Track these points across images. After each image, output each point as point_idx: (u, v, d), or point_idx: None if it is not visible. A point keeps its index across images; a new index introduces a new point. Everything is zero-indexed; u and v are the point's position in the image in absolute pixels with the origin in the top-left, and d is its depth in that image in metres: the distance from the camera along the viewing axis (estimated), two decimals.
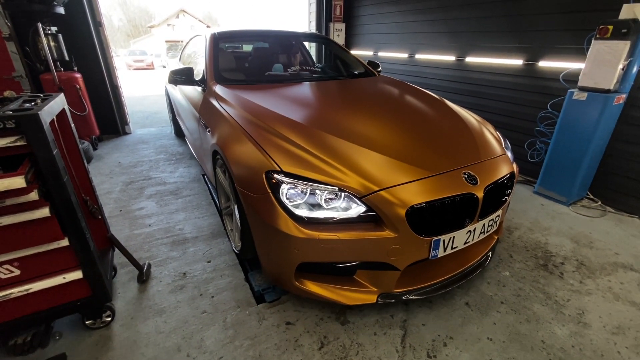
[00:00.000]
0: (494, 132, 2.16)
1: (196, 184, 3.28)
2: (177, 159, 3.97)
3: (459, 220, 1.57)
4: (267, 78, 2.85)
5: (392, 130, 1.90)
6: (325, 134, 1.74)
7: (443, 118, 2.16)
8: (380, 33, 5.23)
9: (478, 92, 3.84)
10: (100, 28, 4.32)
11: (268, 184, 1.51)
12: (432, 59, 4.38)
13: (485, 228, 1.68)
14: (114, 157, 4.00)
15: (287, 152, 1.61)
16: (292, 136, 1.71)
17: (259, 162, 1.59)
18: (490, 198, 1.65)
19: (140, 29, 44.43)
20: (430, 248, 1.52)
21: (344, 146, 1.65)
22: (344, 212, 1.47)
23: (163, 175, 3.48)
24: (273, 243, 1.58)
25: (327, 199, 1.48)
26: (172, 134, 5.00)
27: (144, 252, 2.23)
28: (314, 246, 1.45)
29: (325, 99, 2.40)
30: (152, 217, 2.67)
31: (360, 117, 2.02)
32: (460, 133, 1.98)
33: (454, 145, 1.82)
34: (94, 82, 4.41)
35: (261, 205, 1.55)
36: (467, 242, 1.62)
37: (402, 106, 2.34)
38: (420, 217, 1.46)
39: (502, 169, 1.76)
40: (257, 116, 1.93)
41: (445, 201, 1.49)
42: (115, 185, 3.25)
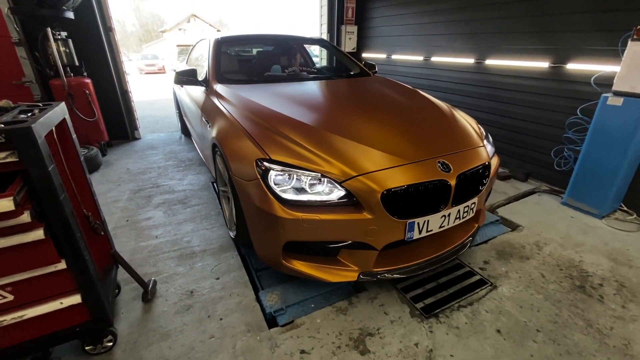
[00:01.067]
0: (476, 127, 2.27)
1: (205, 192, 3.17)
2: (186, 165, 3.88)
3: (433, 205, 1.69)
4: (265, 78, 3.03)
5: (373, 123, 2.06)
6: (310, 126, 1.91)
7: (425, 112, 2.33)
8: (394, 35, 5.08)
9: (498, 97, 3.66)
10: (110, 33, 4.28)
11: (258, 171, 1.66)
12: (449, 62, 4.21)
13: (461, 214, 1.79)
14: (123, 164, 3.93)
15: (275, 142, 1.78)
16: (281, 128, 1.88)
17: (251, 152, 1.76)
18: (464, 186, 1.76)
19: (152, 34, 45.10)
20: (406, 230, 1.63)
21: (327, 137, 1.81)
22: (326, 196, 1.61)
23: (171, 183, 3.38)
24: (262, 224, 1.71)
25: (311, 184, 1.62)
26: (182, 140, 4.93)
27: (149, 267, 2.12)
28: (298, 226, 1.58)
29: (315, 96, 2.56)
30: (159, 228, 2.56)
31: (344, 112, 2.22)
32: (439, 126, 2.13)
33: (432, 137, 1.97)
34: (104, 87, 4.37)
35: (252, 190, 1.70)
36: (442, 225, 1.73)
37: (387, 102, 2.50)
38: (396, 201, 1.59)
39: (476, 160, 1.87)
40: (251, 112, 2.11)
41: (419, 187, 1.62)
42: (123, 193, 3.16)
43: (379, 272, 1.74)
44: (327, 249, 1.71)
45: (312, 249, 1.74)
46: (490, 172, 1.96)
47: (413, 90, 2.82)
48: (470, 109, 4.01)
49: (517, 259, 2.24)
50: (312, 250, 1.75)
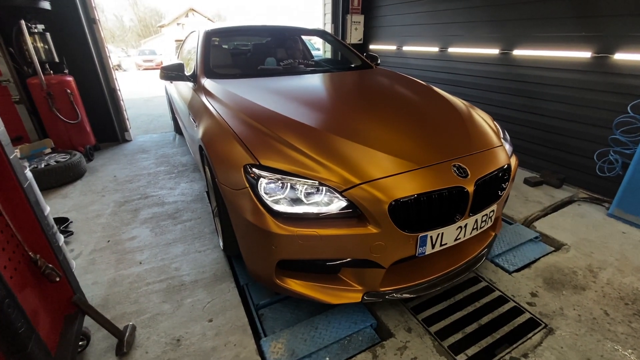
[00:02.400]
0: (491, 123, 2.05)
1: (198, 204, 2.80)
2: (179, 171, 3.50)
3: (448, 216, 1.47)
4: (258, 72, 2.80)
5: (378, 121, 1.81)
6: (307, 126, 1.69)
7: (435, 109, 2.08)
8: (406, 25, 4.65)
9: (529, 92, 3.25)
10: (94, 25, 3.88)
11: (246, 178, 1.46)
12: (468, 53, 3.80)
13: (479, 224, 1.58)
14: (110, 170, 3.56)
15: (267, 145, 1.56)
16: (274, 129, 1.66)
17: (238, 156, 1.55)
18: (482, 192, 1.55)
19: (150, 29, 44.42)
20: (417, 245, 1.44)
21: (325, 138, 1.60)
22: (325, 207, 1.40)
23: (162, 193, 3.01)
24: (252, 239, 1.52)
25: (307, 193, 1.42)
26: (176, 141, 4.56)
27: (129, 305, 1.76)
28: (292, 243, 1.39)
29: (312, 92, 2.31)
30: (144, 251, 2.20)
31: (345, 109, 1.99)
32: (452, 124, 1.88)
33: (445, 137, 1.73)
34: (89, 85, 3.98)
35: (240, 200, 1.49)
36: (457, 238, 1.53)
37: (392, 97, 2.27)
38: (405, 212, 1.38)
39: (496, 161, 1.66)
40: (240, 110, 1.88)
41: (433, 195, 1.41)
42: (107, 206, 2.80)
43: (387, 292, 1.53)
44: (326, 267, 1.51)
45: (310, 267, 1.54)
46: (510, 175, 1.73)
47: (420, 84, 2.55)
48: (494, 106, 3.61)
49: (571, 290, 1.86)
50: (310, 268, 1.55)
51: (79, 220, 2.59)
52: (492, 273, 1.99)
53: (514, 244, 2.24)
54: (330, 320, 1.64)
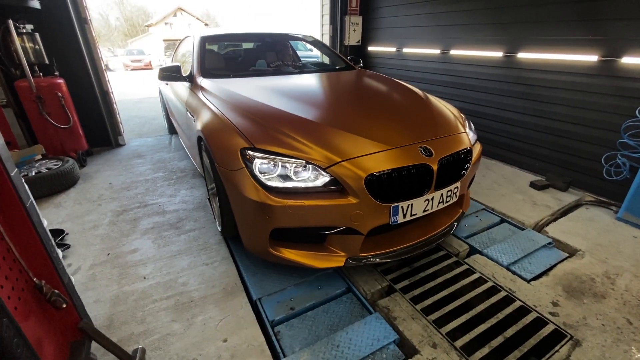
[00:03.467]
0: (457, 114, 2.31)
1: (201, 212, 2.70)
2: (178, 177, 3.38)
3: (416, 190, 1.71)
4: (249, 72, 3.01)
5: (356, 111, 2.11)
6: (294, 115, 1.93)
7: (408, 102, 2.37)
8: (405, 26, 4.62)
9: (534, 95, 3.25)
10: (86, 25, 3.72)
11: (243, 160, 1.68)
12: (471, 56, 3.78)
13: (444, 198, 1.83)
14: (105, 177, 3.41)
15: (259, 131, 1.79)
16: (265, 118, 1.90)
17: (235, 141, 1.76)
18: (446, 170, 1.81)
19: (137, 28, 43.55)
20: (390, 214, 1.66)
21: (311, 125, 1.84)
22: (311, 182, 1.62)
23: (161, 201, 2.89)
24: (249, 213, 1.72)
25: (296, 171, 1.64)
26: (172, 146, 4.42)
27: (136, 325, 1.66)
28: (284, 213, 1.59)
29: (298, 88, 2.54)
30: (147, 265, 2.09)
31: (328, 102, 2.31)
32: (421, 114, 2.17)
33: (414, 124, 2.01)
34: (81, 88, 3.82)
35: (237, 179, 1.70)
36: (426, 210, 1.77)
37: (369, 92, 2.56)
38: (380, 185, 1.62)
39: (457, 145, 1.91)
40: (235, 103, 2.12)
41: (402, 171, 1.65)
42: (104, 216, 2.67)
43: (366, 257, 1.76)
44: (314, 236, 1.74)
45: (300, 236, 1.76)
46: (472, 157, 1.99)
47: (395, 81, 2.85)
48: (498, 108, 3.60)
49: (592, 298, 1.83)
50: (300, 238, 1.78)
51: (75, 231, 2.45)
52: (510, 282, 1.95)
53: (528, 251, 2.21)
54: (352, 337, 1.57)
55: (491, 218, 2.62)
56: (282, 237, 1.74)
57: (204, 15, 44.93)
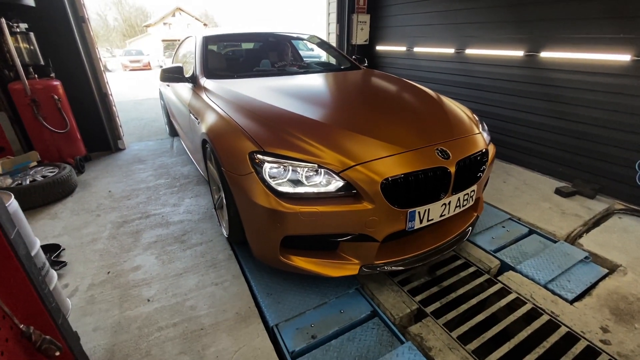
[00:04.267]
0: (471, 115, 2.25)
1: (208, 223, 2.52)
2: (182, 184, 3.20)
3: (434, 194, 1.64)
4: (254, 73, 2.93)
5: (367, 112, 2.03)
6: (305, 117, 1.85)
7: (420, 102, 2.29)
8: (416, 25, 4.44)
9: (557, 96, 3.07)
10: (83, 24, 3.54)
11: (252, 164, 1.61)
12: (489, 55, 3.60)
13: (461, 202, 1.76)
14: (104, 184, 3.23)
15: (269, 134, 1.71)
16: (274, 120, 1.82)
17: (243, 145, 1.69)
18: (463, 173, 1.74)
19: (136, 29, 43.27)
20: (407, 219, 1.59)
21: (323, 127, 1.77)
22: (324, 187, 1.55)
23: (165, 211, 2.71)
24: (258, 219, 1.64)
25: (308, 175, 1.56)
26: (174, 150, 4.24)
27: (140, 358, 1.48)
28: (296, 219, 1.52)
29: (306, 89, 2.46)
30: (152, 285, 1.91)
31: (338, 102, 2.23)
32: (435, 115, 2.09)
33: (429, 125, 1.93)
34: (78, 90, 3.63)
35: (246, 184, 1.63)
36: (443, 214, 1.70)
37: (381, 93, 2.48)
38: (396, 190, 1.55)
39: (474, 146, 1.85)
40: (241, 104, 2.04)
41: (419, 175, 1.58)
42: (103, 228, 2.49)
43: (381, 265, 1.69)
44: (326, 243, 1.66)
45: (311, 244, 1.69)
46: (488, 159, 1.94)
47: (405, 81, 2.75)
48: (518, 110, 3.43)
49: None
50: (312, 245, 1.70)
51: (73, 246, 2.27)
52: (551, 303, 1.78)
53: (564, 267, 2.03)
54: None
55: (519, 229, 2.45)
56: (293, 245, 1.68)
57: (202, 16, 44.71)
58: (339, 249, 1.67)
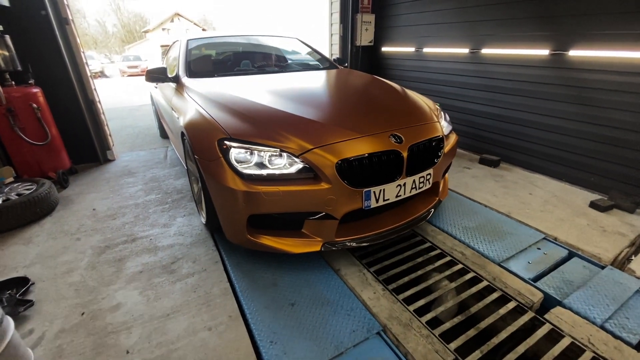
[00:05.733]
0: (433, 106, 2.36)
1: (201, 247, 2.21)
2: (174, 200, 2.90)
3: (388, 175, 1.79)
4: (233, 72, 3.03)
5: (331, 104, 2.22)
6: (270, 107, 2.01)
7: (383, 94, 2.45)
8: (426, 24, 4.16)
9: (587, 99, 2.79)
10: (67, 26, 3.25)
11: (219, 150, 1.75)
12: (508, 55, 3.32)
13: (417, 184, 1.90)
14: (88, 201, 2.93)
15: (236, 122, 1.87)
16: (243, 110, 1.96)
17: (212, 132, 1.84)
18: (417, 157, 1.89)
19: (135, 34, 43.22)
20: (363, 199, 1.73)
21: (286, 116, 1.92)
22: (285, 169, 1.70)
23: (154, 233, 2.41)
24: (226, 201, 1.80)
25: (271, 159, 1.71)
26: (167, 160, 3.94)
27: None
28: (259, 199, 1.66)
29: (278, 85, 2.57)
30: (133, 330, 1.60)
31: (303, 95, 2.33)
32: (394, 105, 2.24)
33: (386, 114, 2.05)
34: (61, 97, 3.34)
35: (215, 168, 1.77)
36: (399, 195, 1.84)
37: (348, 87, 2.66)
38: (351, 171, 1.70)
39: (428, 133, 1.98)
40: (215, 98, 2.18)
41: (373, 157, 1.73)
42: (82, 254, 2.18)
43: (342, 242, 1.82)
44: (291, 222, 1.79)
45: (277, 223, 1.81)
46: (444, 145, 2.08)
47: (374, 78, 2.91)
48: (540, 114, 3.14)
49: None
50: (278, 225, 1.82)
51: (45, 278, 1.96)
52: (615, 351, 1.47)
53: (620, 300, 1.72)
54: None
55: (557, 251, 2.14)
56: (260, 225, 1.81)
57: (201, 21, 44.68)
58: (303, 228, 1.80)
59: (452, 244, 2.22)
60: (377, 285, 1.84)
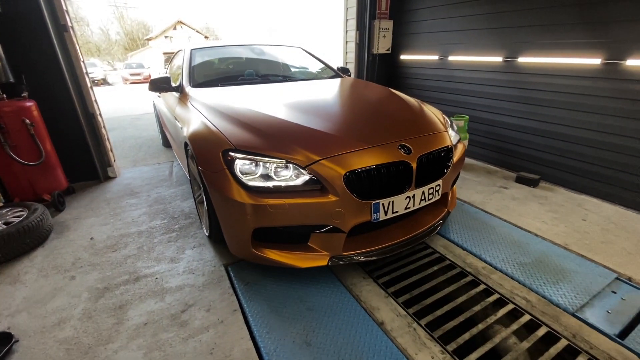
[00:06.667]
0: (441, 116, 2.32)
1: (216, 290, 1.88)
2: (182, 227, 2.58)
3: (397, 187, 1.75)
4: (237, 81, 2.97)
5: (338, 114, 2.19)
6: (277, 119, 1.97)
7: (390, 104, 2.40)
8: (452, 30, 3.87)
9: None
10: (66, 34, 2.97)
11: (224, 161, 1.71)
12: (549, 64, 3.01)
13: (426, 196, 1.85)
14: (86, 227, 2.61)
15: (241, 133, 1.82)
16: (248, 121, 1.92)
17: (217, 143, 1.80)
18: (427, 168, 1.85)
19: (138, 42, 43.39)
20: (371, 211, 1.69)
21: (292, 126, 1.88)
22: (292, 181, 1.65)
23: (160, 270, 2.08)
24: (230, 213, 1.76)
25: (277, 170, 1.67)
26: (173, 177, 3.63)
27: None
28: (264, 212, 1.62)
29: (283, 94, 2.54)
30: None
31: (309, 105, 2.29)
32: (401, 115, 2.21)
33: (394, 124, 2.04)
34: (58, 111, 3.05)
35: (219, 180, 1.73)
36: (408, 207, 1.79)
37: (355, 97, 2.61)
38: (359, 183, 1.66)
39: (437, 143, 1.95)
40: (219, 108, 2.15)
41: (382, 169, 1.70)
42: (77, 299, 1.85)
43: (349, 256, 1.78)
44: (297, 236, 1.76)
45: (283, 237, 1.78)
46: (453, 156, 2.03)
47: (380, 87, 2.90)
48: (592, 130, 2.82)
49: None
50: (283, 238, 1.79)
51: (32, 331, 1.64)
52: None
53: None
54: None
55: (636, 296, 1.81)
56: (265, 238, 1.77)
57: (203, 29, 44.88)
58: (309, 241, 1.76)
59: (511, 286, 1.89)
60: (433, 345, 1.50)
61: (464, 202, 2.86)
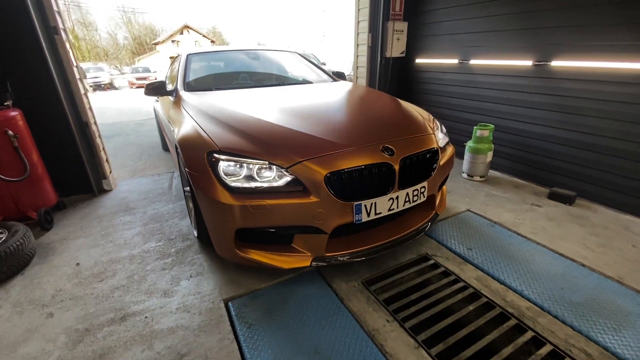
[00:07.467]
0: (428, 118, 2.34)
1: (214, 335, 1.60)
2: (178, 250, 2.31)
3: (380, 189, 1.75)
4: (231, 86, 2.97)
5: (322, 116, 2.17)
6: (262, 120, 1.99)
7: (376, 107, 2.41)
8: (474, 32, 3.58)
9: None
10: (56, 37, 2.74)
11: (208, 162, 1.73)
12: (589, 68, 2.70)
13: (410, 197, 1.85)
14: (72, 250, 2.35)
15: (227, 135, 1.85)
16: (236, 124, 1.93)
17: (202, 144, 1.83)
18: (410, 170, 1.85)
19: (145, 46, 43.73)
20: (354, 212, 1.69)
21: (277, 129, 1.90)
22: (274, 182, 1.67)
23: (150, 306, 1.81)
24: (214, 214, 1.78)
25: (259, 171, 1.69)
26: (172, 190, 3.37)
27: None
28: (246, 212, 1.64)
29: (272, 98, 2.56)
30: None
31: (296, 108, 2.28)
32: (387, 117, 2.23)
33: (379, 126, 2.04)
34: (48, 120, 2.82)
35: (203, 181, 1.75)
36: (391, 208, 1.79)
37: (342, 100, 2.64)
38: (341, 184, 1.67)
39: (422, 145, 1.95)
40: (208, 111, 2.17)
41: (364, 170, 1.70)
42: (52, 344, 1.58)
43: (332, 257, 1.78)
44: (280, 237, 1.77)
45: (265, 237, 1.79)
46: (439, 158, 2.03)
47: (370, 89, 3.03)
48: (636, 142, 2.50)
49: None
50: (266, 239, 1.80)
51: None
52: None
53: None
54: None
55: None
56: (248, 239, 1.79)
57: (210, 33, 45.12)
58: (292, 242, 1.77)
59: (565, 334, 1.58)
60: None
61: (494, 222, 2.55)
